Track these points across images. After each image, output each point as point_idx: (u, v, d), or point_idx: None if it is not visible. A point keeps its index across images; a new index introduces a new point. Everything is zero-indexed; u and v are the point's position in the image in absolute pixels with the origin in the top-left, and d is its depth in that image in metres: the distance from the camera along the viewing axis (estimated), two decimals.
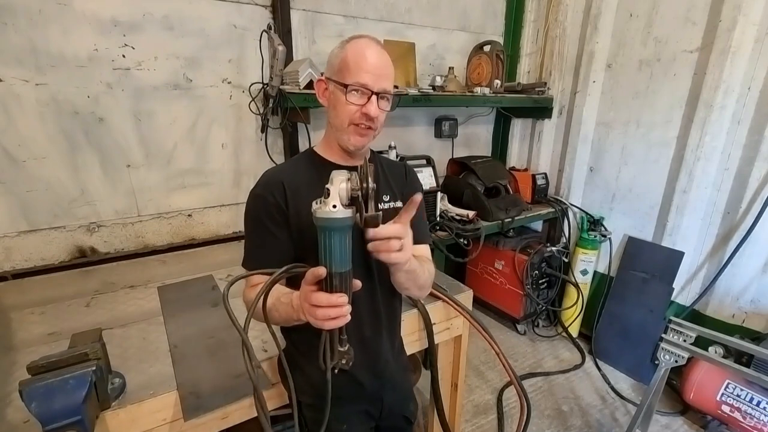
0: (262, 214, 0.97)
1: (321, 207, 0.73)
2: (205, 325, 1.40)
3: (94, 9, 1.71)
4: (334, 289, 0.76)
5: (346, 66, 0.92)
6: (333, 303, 0.75)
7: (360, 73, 0.91)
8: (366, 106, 0.93)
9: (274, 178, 0.99)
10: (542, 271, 2.92)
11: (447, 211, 2.52)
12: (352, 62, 0.92)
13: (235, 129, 2.16)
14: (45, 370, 0.89)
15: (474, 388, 2.51)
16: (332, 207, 0.72)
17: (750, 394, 1.96)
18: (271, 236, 0.97)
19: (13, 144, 1.68)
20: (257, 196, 0.98)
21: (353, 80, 0.91)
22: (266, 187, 0.98)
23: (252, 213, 1.00)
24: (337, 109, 0.95)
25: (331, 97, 0.97)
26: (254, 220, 0.99)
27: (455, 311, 1.63)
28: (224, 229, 2.26)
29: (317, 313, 0.76)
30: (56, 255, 1.86)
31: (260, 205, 0.97)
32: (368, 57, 0.92)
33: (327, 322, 0.76)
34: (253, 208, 0.99)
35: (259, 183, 1.00)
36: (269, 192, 0.96)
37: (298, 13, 2.17)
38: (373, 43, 0.95)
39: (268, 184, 0.98)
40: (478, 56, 2.69)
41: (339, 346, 0.84)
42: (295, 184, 0.97)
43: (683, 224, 2.38)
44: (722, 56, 2.09)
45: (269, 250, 0.98)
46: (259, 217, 0.97)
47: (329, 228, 0.73)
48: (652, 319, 2.50)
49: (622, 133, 2.65)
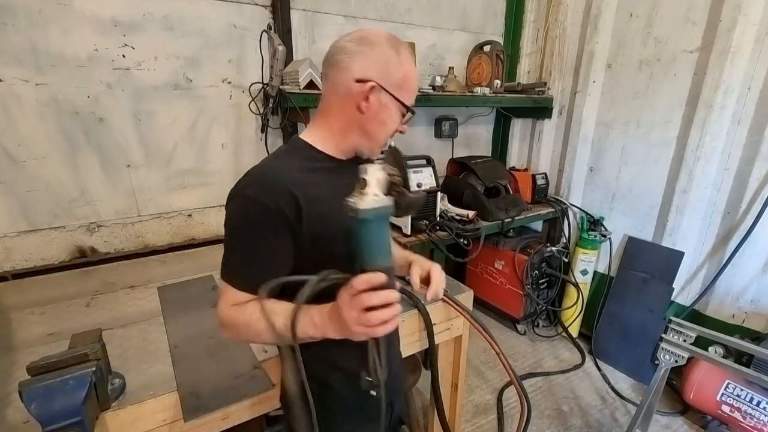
0: (260, 222, 0.82)
1: (362, 198, 0.67)
2: (205, 325, 1.40)
3: (94, 9, 1.71)
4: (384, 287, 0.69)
5: (407, 85, 0.89)
6: (389, 300, 0.69)
7: (412, 94, 0.91)
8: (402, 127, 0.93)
9: (276, 182, 0.82)
10: (542, 271, 2.92)
11: (447, 211, 2.52)
12: (411, 83, 0.90)
13: (235, 129, 2.16)
14: (45, 370, 0.89)
15: (474, 388, 2.51)
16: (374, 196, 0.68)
17: (750, 394, 1.96)
18: (268, 248, 0.83)
19: (13, 144, 1.68)
20: (253, 200, 0.81)
21: (411, 101, 0.91)
22: (268, 192, 0.81)
23: (244, 220, 0.83)
24: (387, 124, 0.91)
25: (381, 110, 0.88)
26: (248, 228, 0.83)
27: (455, 311, 1.63)
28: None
29: (371, 318, 0.68)
30: (56, 255, 1.86)
31: (258, 212, 0.81)
32: (417, 76, 0.92)
33: (380, 327, 0.69)
34: (247, 215, 0.83)
35: (253, 184, 0.83)
36: (272, 199, 0.80)
37: (298, 13, 2.17)
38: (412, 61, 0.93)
39: (270, 189, 0.81)
40: (478, 56, 2.69)
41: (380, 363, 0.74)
42: (311, 190, 0.84)
43: (683, 224, 2.38)
44: (722, 56, 2.08)
45: (265, 264, 0.83)
46: (256, 226, 0.82)
47: (375, 218, 0.68)
48: (652, 319, 2.50)
49: (622, 133, 2.65)
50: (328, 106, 0.92)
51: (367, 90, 0.86)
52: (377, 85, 0.86)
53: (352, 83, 0.86)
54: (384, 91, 0.87)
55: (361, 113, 0.88)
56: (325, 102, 0.93)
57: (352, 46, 0.86)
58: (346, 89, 0.87)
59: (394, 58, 0.87)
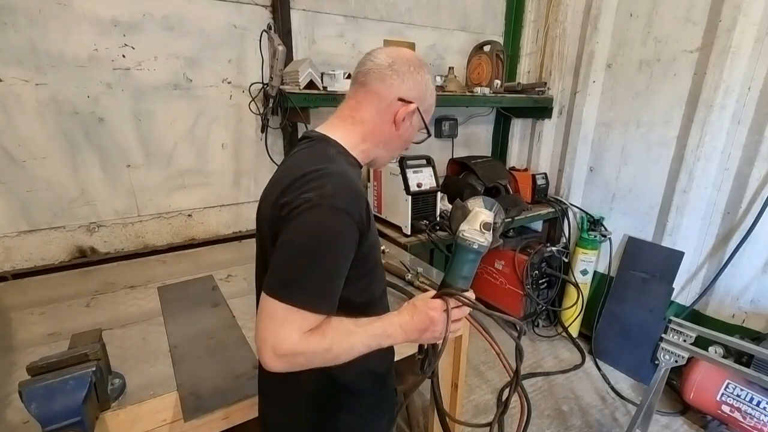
0: (347, 235, 0.75)
1: (476, 234, 0.83)
2: (205, 325, 1.40)
3: (94, 9, 1.71)
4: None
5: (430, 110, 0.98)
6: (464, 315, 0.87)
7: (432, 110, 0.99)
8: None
9: (359, 193, 0.77)
10: (542, 271, 2.92)
11: (447, 211, 2.52)
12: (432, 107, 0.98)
13: (235, 129, 2.16)
14: (45, 370, 0.89)
15: (474, 388, 2.51)
16: (488, 237, 0.84)
17: (750, 394, 1.96)
18: (347, 262, 0.77)
19: (13, 144, 1.68)
20: (344, 213, 0.73)
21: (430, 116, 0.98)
22: (353, 204, 0.75)
23: (335, 232, 0.73)
24: (407, 142, 1.00)
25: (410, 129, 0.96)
26: (336, 242, 0.74)
27: None
28: (224, 229, 2.26)
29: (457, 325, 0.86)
30: (56, 255, 1.86)
31: (348, 226, 0.74)
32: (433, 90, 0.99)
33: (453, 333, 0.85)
34: (339, 227, 0.73)
35: (338, 194, 0.73)
36: (357, 212, 0.75)
37: (298, 13, 2.17)
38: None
39: (355, 201, 0.75)
40: (478, 56, 2.69)
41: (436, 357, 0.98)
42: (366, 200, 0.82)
43: (683, 224, 2.38)
44: (722, 56, 2.08)
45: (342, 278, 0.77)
46: (344, 239, 0.75)
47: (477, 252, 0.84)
48: (652, 319, 2.50)
49: (622, 133, 2.65)
50: (364, 115, 0.91)
51: (409, 110, 0.91)
52: (418, 110, 0.92)
53: (395, 101, 0.90)
54: (418, 113, 0.93)
55: (395, 130, 0.93)
56: (362, 111, 0.91)
57: (400, 66, 0.90)
58: (388, 104, 0.90)
59: (431, 86, 0.96)
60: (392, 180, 2.31)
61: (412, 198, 2.20)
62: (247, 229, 2.32)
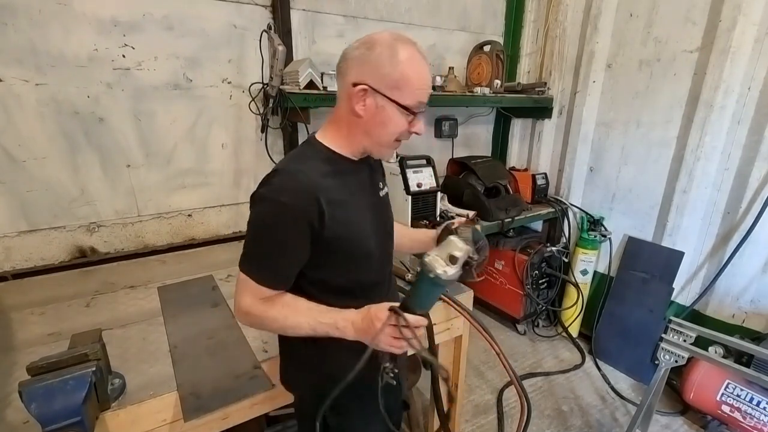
0: (288, 225, 0.88)
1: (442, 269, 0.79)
2: (205, 325, 1.40)
3: (94, 9, 1.71)
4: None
5: (407, 85, 0.87)
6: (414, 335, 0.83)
7: (420, 93, 0.90)
8: (417, 126, 0.93)
9: (304, 188, 0.87)
10: (542, 271, 2.92)
11: (447, 211, 2.52)
12: (413, 78, 0.88)
13: (235, 129, 2.16)
14: (45, 370, 0.89)
15: (474, 388, 2.51)
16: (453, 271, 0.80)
17: (750, 394, 1.96)
18: (292, 247, 0.90)
19: (13, 144, 1.68)
20: (283, 205, 0.86)
21: (415, 101, 0.89)
22: (296, 197, 0.86)
23: (274, 221, 0.88)
24: (387, 126, 0.92)
25: (378, 112, 0.90)
26: (275, 229, 0.89)
27: (455, 311, 1.62)
28: (224, 229, 2.26)
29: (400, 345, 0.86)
30: (56, 255, 1.86)
31: (287, 216, 0.87)
32: (423, 74, 0.89)
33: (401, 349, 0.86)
34: (277, 217, 0.88)
35: (284, 189, 0.87)
36: (300, 205, 0.86)
37: (298, 13, 2.17)
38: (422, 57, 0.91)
39: (299, 195, 0.87)
40: (478, 56, 2.69)
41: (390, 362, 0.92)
42: (330, 195, 0.89)
43: (683, 224, 2.38)
44: (722, 56, 2.08)
45: (288, 261, 0.92)
46: (284, 228, 0.88)
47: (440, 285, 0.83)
48: (652, 319, 2.50)
49: (622, 133, 2.65)
50: (337, 110, 0.97)
51: (360, 93, 0.88)
52: (370, 88, 0.88)
53: (350, 87, 0.89)
54: (379, 93, 0.88)
55: (359, 117, 0.91)
56: (338, 110, 0.97)
57: (351, 51, 0.90)
58: (347, 93, 0.91)
59: (388, 60, 0.86)
60: (392, 180, 2.30)
61: (412, 198, 2.20)
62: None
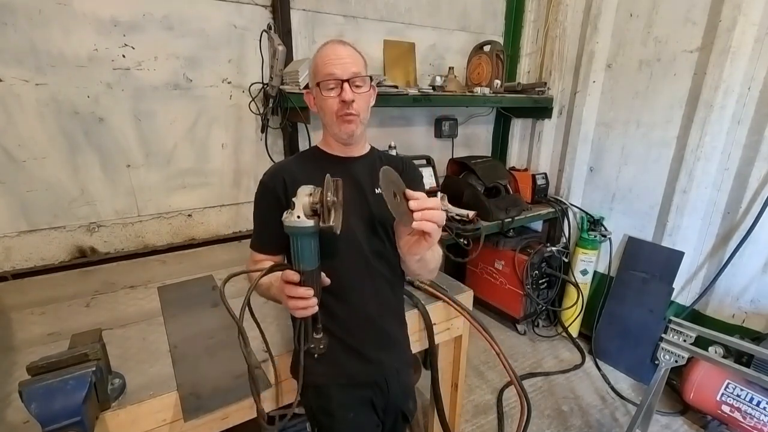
0: (262, 199, 1.11)
1: (288, 217, 0.85)
2: (205, 325, 1.40)
3: (94, 9, 1.71)
4: (303, 284, 0.88)
5: (316, 69, 1.05)
6: (300, 295, 0.87)
7: (326, 67, 1.02)
8: (342, 94, 1.02)
9: (277, 170, 1.11)
10: (542, 271, 2.92)
11: (447, 211, 2.52)
12: (319, 62, 1.04)
13: (235, 129, 2.16)
14: (45, 370, 0.89)
15: (474, 388, 2.51)
16: (296, 217, 0.84)
17: (750, 394, 1.96)
18: (270, 220, 1.04)
19: (13, 144, 1.68)
20: (262, 183, 1.11)
21: (321, 76, 1.03)
22: (270, 177, 1.10)
23: (257, 198, 1.12)
24: (323, 108, 1.06)
25: (317, 102, 1.08)
26: (258, 205, 1.13)
27: (455, 311, 1.63)
28: (224, 229, 2.26)
29: (289, 303, 0.89)
30: (56, 255, 1.86)
31: (262, 192, 1.10)
32: (329, 52, 1.03)
33: (297, 311, 0.90)
34: (258, 194, 1.12)
35: (266, 172, 1.12)
36: (270, 181, 1.09)
37: (298, 13, 2.17)
38: (334, 42, 1.06)
39: (272, 174, 1.10)
40: (478, 56, 2.69)
41: (314, 334, 0.98)
42: (296, 176, 1.05)
43: (683, 224, 2.38)
44: (722, 56, 2.08)
45: (269, 232, 1.09)
46: (261, 202, 1.12)
47: (295, 234, 0.86)
48: (652, 319, 2.50)
49: (622, 133, 2.65)
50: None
51: (310, 99, 1.13)
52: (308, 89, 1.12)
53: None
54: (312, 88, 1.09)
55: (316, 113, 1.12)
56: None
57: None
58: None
59: (314, 59, 1.07)
60: None
61: None
62: (247, 229, 2.32)
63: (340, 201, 0.88)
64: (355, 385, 1.11)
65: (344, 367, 1.09)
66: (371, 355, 1.11)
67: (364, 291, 1.09)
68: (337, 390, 1.09)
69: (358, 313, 1.08)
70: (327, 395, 1.09)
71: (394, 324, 1.19)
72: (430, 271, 1.11)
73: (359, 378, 1.11)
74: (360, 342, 1.09)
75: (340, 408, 1.09)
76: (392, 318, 1.18)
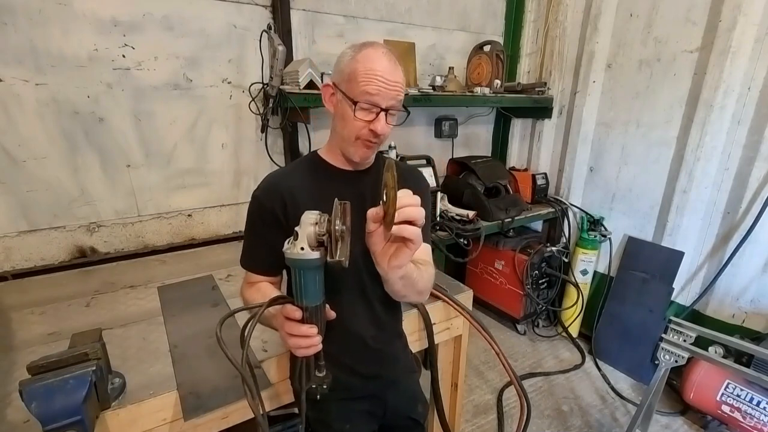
0: (257, 217, 1.01)
1: (291, 248, 0.75)
2: (205, 325, 1.40)
3: (94, 9, 1.71)
4: (305, 321, 0.80)
5: (355, 78, 0.88)
6: (303, 333, 0.79)
7: (370, 85, 0.87)
8: (374, 123, 0.90)
9: (273, 185, 1.00)
10: (542, 271, 2.92)
11: (447, 211, 2.52)
12: (362, 75, 0.87)
13: (235, 129, 2.16)
14: (45, 370, 0.89)
15: (474, 388, 2.51)
16: (300, 249, 0.74)
17: (750, 394, 1.96)
18: (263, 238, 1.00)
19: (13, 144, 1.68)
20: (256, 198, 1.00)
21: (363, 97, 0.88)
22: (265, 192, 0.99)
23: (250, 214, 1.03)
24: (345, 121, 0.92)
25: (339, 106, 0.94)
26: (250, 221, 1.03)
27: (455, 311, 1.63)
28: (224, 229, 2.26)
29: (290, 342, 0.81)
30: (56, 255, 1.86)
31: (256, 209, 1.00)
32: (377, 66, 0.87)
33: (298, 350, 0.81)
34: (251, 210, 1.02)
35: (260, 186, 1.01)
36: (267, 198, 0.98)
37: (298, 13, 2.17)
38: (385, 56, 0.89)
39: (267, 190, 0.99)
40: (478, 56, 2.69)
41: (317, 372, 0.87)
42: (296, 195, 0.96)
43: (683, 224, 2.38)
44: (722, 56, 2.08)
45: (261, 250, 1.03)
46: (255, 220, 1.01)
47: (298, 267, 0.76)
48: (652, 319, 2.50)
49: (622, 133, 2.65)
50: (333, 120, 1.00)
51: (326, 90, 0.96)
52: (331, 84, 0.95)
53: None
54: (337, 89, 0.93)
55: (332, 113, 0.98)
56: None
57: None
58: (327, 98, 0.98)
59: (347, 58, 0.91)
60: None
61: None
62: None
63: (348, 228, 0.76)
64: (352, 398, 1.10)
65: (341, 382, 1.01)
66: (368, 372, 1.10)
67: (361, 316, 1.05)
68: (334, 404, 1.07)
69: (355, 338, 1.05)
70: (325, 409, 1.06)
71: (391, 343, 1.16)
72: (418, 293, 0.96)
73: (356, 392, 1.10)
74: (356, 362, 1.07)
75: (337, 420, 1.08)
76: (389, 338, 1.15)
